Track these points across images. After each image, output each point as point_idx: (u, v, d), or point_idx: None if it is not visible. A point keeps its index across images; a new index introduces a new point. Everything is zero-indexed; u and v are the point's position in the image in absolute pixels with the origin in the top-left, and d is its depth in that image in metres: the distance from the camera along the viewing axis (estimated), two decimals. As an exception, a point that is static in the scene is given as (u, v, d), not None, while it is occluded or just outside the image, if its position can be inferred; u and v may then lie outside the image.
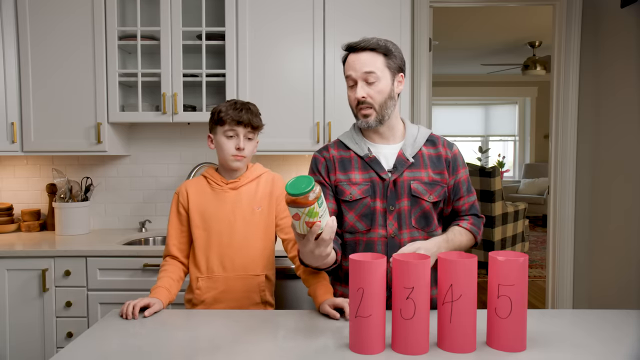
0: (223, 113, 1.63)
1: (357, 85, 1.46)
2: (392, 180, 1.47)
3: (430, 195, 1.49)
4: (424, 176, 1.49)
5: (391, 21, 2.49)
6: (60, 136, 2.53)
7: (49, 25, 2.50)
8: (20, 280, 2.27)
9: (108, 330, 1.32)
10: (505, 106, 8.86)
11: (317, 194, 1.12)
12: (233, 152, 1.63)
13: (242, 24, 2.49)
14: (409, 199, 1.48)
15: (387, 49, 1.46)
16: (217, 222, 1.66)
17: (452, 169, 1.54)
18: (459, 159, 1.57)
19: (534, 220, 7.78)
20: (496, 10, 4.73)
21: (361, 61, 1.44)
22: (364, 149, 1.52)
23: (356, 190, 1.50)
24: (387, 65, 1.46)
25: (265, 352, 1.18)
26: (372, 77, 1.44)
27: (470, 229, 1.54)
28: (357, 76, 1.45)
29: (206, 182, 1.71)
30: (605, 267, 2.67)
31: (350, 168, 1.53)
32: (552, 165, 2.96)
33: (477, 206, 1.60)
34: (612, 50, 2.61)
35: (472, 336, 1.15)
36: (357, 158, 1.53)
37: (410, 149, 1.51)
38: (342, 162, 1.54)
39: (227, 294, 1.66)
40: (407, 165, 1.48)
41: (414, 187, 1.47)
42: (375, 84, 1.45)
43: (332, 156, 1.57)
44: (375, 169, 1.49)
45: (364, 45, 1.45)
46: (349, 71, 1.47)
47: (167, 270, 1.66)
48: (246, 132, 1.65)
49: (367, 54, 1.45)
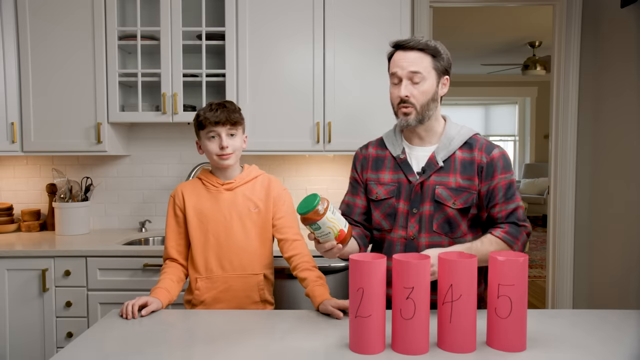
0: (202, 117, 1.64)
1: (401, 83, 1.44)
2: (419, 183, 1.47)
3: (455, 201, 1.45)
4: (451, 181, 1.46)
5: (391, 21, 2.49)
6: (60, 136, 2.53)
7: (49, 25, 2.50)
8: (20, 280, 2.27)
9: (108, 330, 1.32)
10: (505, 106, 8.87)
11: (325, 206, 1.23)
12: (217, 151, 1.64)
13: (242, 24, 2.49)
14: (432, 204, 1.46)
15: (436, 50, 1.45)
16: (214, 223, 1.66)
17: (486, 175, 1.46)
18: (497, 163, 1.46)
19: (534, 220, 7.78)
20: (496, 10, 4.72)
21: (409, 60, 1.43)
22: (398, 149, 1.52)
23: (382, 190, 1.51)
24: (434, 67, 1.45)
25: (265, 352, 1.18)
26: (418, 77, 1.43)
27: (504, 238, 1.42)
28: (403, 74, 1.43)
29: (201, 184, 1.71)
30: (605, 267, 2.67)
31: (382, 167, 1.54)
32: (552, 165, 2.96)
33: (519, 214, 1.46)
34: (612, 50, 2.61)
35: (472, 336, 1.15)
36: (391, 158, 1.53)
37: (443, 152, 1.48)
38: (376, 161, 1.56)
39: (226, 293, 1.66)
40: (436, 169, 1.46)
41: (438, 192, 1.45)
42: (420, 84, 1.43)
43: (369, 154, 1.59)
44: (405, 170, 1.49)
45: (413, 44, 1.44)
46: (395, 68, 1.45)
47: (166, 272, 1.66)
48: (227, 130, 1.64)
49: (416, 53, 1.43)
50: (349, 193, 1.65)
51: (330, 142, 2.50)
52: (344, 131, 2.51)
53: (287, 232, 1.69)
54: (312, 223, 1.23)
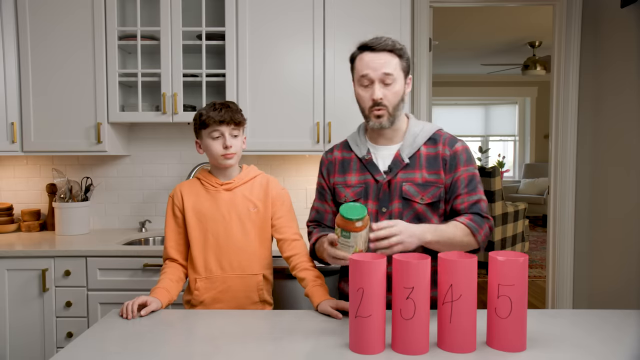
0: (205, 116, 1.63)
1: (372, 85, 1.43)
2: (386, 181, 1.46)
3: (423, 196, 1.45)
4: (418, 177, 1.46)
5: (391, 21, 2.49)
6: (60, 136, 2.53)
7: (49, 25, 2.50)
8: (20, 280, 2.27)
9: (108, 330, 1.32)
10: (505, 106, 8.86)
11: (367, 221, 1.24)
12: (222, 151, 1.63)
13: (242, 24, 2.49)
14: (400, 201, 1.46)
15: (403, 50, 1.45)
16: (213, 223, 1.66)
17: (450, 167, 1.47)
18: (460, 156, 1.48)
19: (534, 220, 7.78)
20: (496, 10, 4.72)
21: (381, 61, 1.42)
22: (363, 150, 1.52)
23: (350, 192, 1.50)
24: (401, 68, 1.45)
25: (265, 351, 1.18)
26: (390, 78, 1.42)
27: (468, 224, 1.40)
28: (375, 76, 1.42)
29: (200, 184, 1.71)
30: (605, 267, 2.67)
31: (349, 170, 1.53)
32: (552, 165, 2.96)
33: (482, 206, 1.46)
34: (612, 50, 2.61)
35: (472, 336, 1.15)
36: (357, 160, 1.53)
37: (408, 149, 1.48)
38: (342, 164, 1.55)
39: (225, 293, 1.66)
40: (402, 166, 1.46)
41: (405, 189, 1.45)
42: (392, 85, 1.43)
43: (335, 158, 1.58)
44: (371, 170, 1.48)
45: (383, 45, 1.42)
46: (366, 70, 1.43)
47: (166, 272, 1.66)
48: (230, 129, 1.64)
49: (386, 54, 1.43)
50: (317, 199, 1.65)
51: (330, 142, 2.49)
52: (344, 131, 2.50)
53: (286, 231, 1.69)
54: (347, 231, 1.21)
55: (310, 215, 1.66)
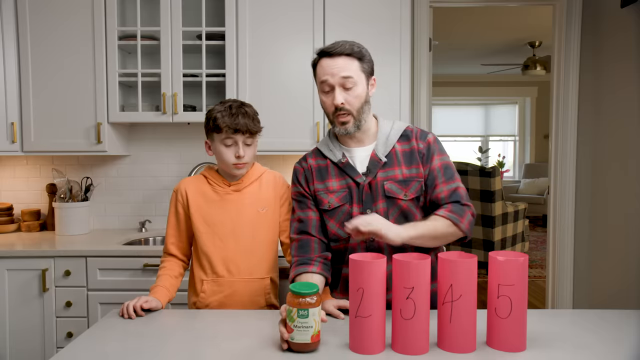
0: (219, 120, 1.55)
1: (333, 91, 1.42)
2: (367, 183, 1.45)
3: (406, 192, 1.44)
4: (398, 174, 1.45)
5: (391, 21, 2.49)
6: (60, 136, 2.53)
7: (49, 25, 2.50)
8: (20, 280, 2.27)
9: (108, 330, 1.32)
10: (505, 106, 8.86)
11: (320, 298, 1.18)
12: (233, 160, 1.58)
13: (242, 24, 2.49)
14: (384, 200, 1.45)
15: (362, 53, 1.44)
16: (221, 226, 1.63)
17: (426, 159, 1.47)
18: (433, 146, 1.48)
19: (534, 220, 7.77)
20: (496, 10, 4.73)
21: (338, 66, 1.41)
22: (338, 155, 1.50)
23: (334, 198, 1.48)
24: (362, 70, 1.44)
25: (265, 351, 1.18)
26: (350, 82, 1.41)
27: (448, 216, 1.38)
28: (335, 81, 1.41)
29: (206, 183, 1.67)
30: (605, 267, 2.67)
31: (327, 176, 1.51)
32: (552, 165, 2.96)
33: (461, 193, 1.45)
34: (612, 50, 2.61)
35: (472, 336, 1.15)
36: (333, 165, 1.50)
37: (382, 147, 1.47)
38: (319, 171, 1.53)
39: (232, 298, 1.63)
40: (380, 165, 1.45)
41: (388, 187, 1.44)
42: (353, 89, 1.42)
43: (310, 166, 1.55)
44: (350, 173, 1.47)
45: (340, 50, 1.42)
46: (325, 76, 1.42)
47: (165, 267, 1.65)
48: (245, 138, 1.58)
49: (344, 59, 1.41)
50: (297, 209, 1.55)
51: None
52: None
53: None
54: (305, 308, 1.14)
55: (292, 227, 1.55)
